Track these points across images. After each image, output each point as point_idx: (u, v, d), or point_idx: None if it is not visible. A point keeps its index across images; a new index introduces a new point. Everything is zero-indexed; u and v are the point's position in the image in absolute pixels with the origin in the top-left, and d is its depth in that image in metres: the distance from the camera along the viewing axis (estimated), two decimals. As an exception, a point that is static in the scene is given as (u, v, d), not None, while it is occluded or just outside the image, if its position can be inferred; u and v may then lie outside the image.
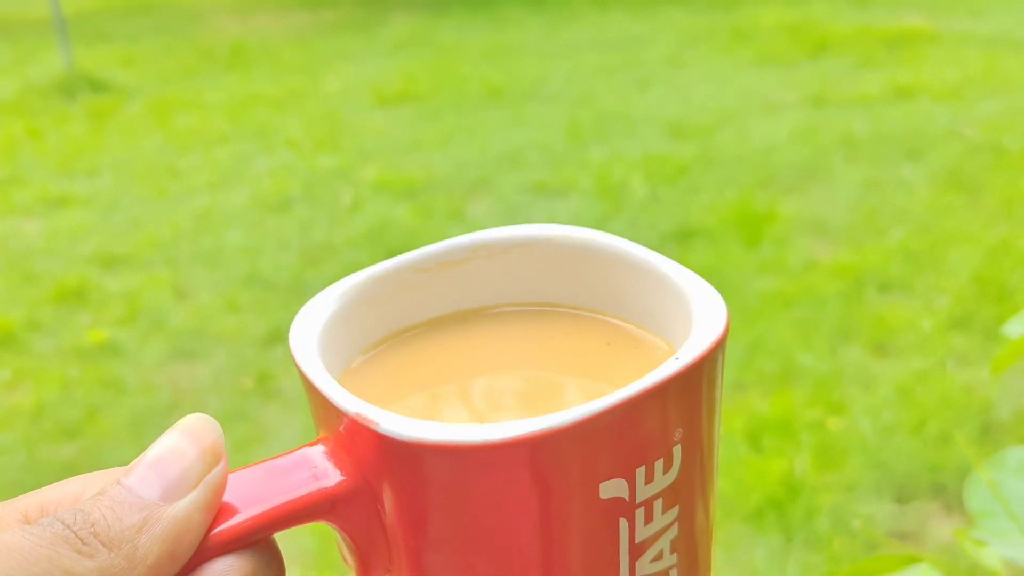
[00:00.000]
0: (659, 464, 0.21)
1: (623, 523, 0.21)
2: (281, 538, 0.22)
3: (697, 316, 0.23)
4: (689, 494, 0.22)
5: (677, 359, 0.21)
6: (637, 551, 0.22)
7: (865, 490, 1.36)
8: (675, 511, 0.22)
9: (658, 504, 0.22)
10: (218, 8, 5.17)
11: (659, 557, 0.22)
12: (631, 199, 2.29)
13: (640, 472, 0.21)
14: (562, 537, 0.21)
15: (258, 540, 0.21)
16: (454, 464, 0.20)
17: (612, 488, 0.21)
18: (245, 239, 2.26)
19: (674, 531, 0.22)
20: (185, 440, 0.22)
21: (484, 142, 2.77)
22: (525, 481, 0.20)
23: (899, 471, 1.39)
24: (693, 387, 0.22)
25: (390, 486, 0.21)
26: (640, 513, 0.21)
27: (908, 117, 2.63)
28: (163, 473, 0.21)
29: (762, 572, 1.26)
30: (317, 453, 0.22)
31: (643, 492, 0.21)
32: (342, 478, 0.21)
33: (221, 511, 0.21)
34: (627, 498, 0.21)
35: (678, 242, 2.06)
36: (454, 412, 0.25)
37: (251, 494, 0.21)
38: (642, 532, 0.22)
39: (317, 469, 0.22)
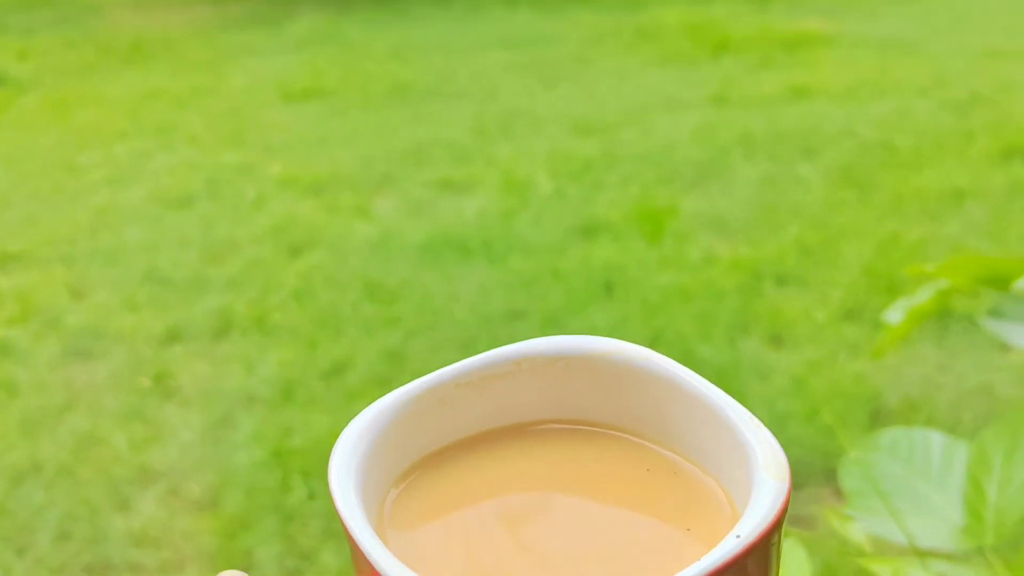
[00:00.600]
0: None
1: None
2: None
3: (756, 470, 0.22)
4: None
5: (739, 537, 0.20)
6: None
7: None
8: None
9: None
10: (118, 1, 5.04)
11: None
12: (536, 195, 2.31)
13: None
14: None
15: None
16: None
17: None
18: (144, 236, 2.22)
19: None
20: None
21: (390, 138, 2.76)
22: None
23: (792, 458, 1.43)
24: (757, 561, 0.21)
25: None
26: None
27: (804, 116, 2.71)
28: None
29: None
30: None
31: None
32: None
33: None
34: None
35: (582, 237, 2.09)
36: (498, 565, 0.24)
37: None
38: None
39: None
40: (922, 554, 0.42)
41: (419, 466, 0.25)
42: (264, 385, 1.65)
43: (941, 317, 1.65)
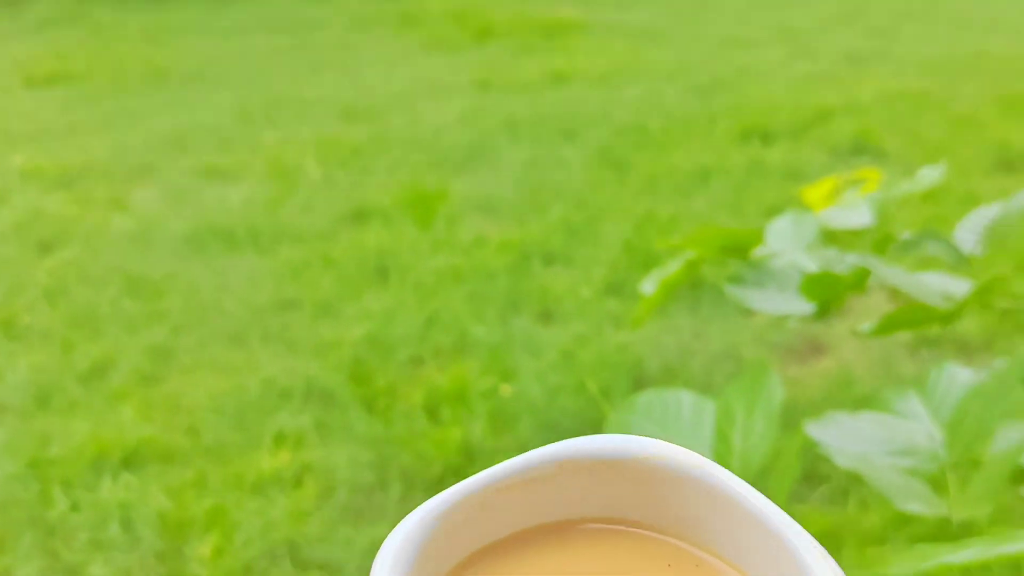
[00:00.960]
0: None
1: None
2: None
3: None
4: None
5: None
6: None
7: (530, 447, 1.45)
8: None
9: None
10: None
11: None
12: (305, 181, 2.28)
13: None
14: None
15: None
16: None
17: None
18: None
19: None
20: None
21: (147, 126, 2.63)
22: None
23: (564, 429, 1.50)
24: None
25: None
26: None
27: (564, 101, 2.81)
28: None
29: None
30: None
31: None
32: None
33: None
34: None
35: (353, 223, 2.08)
36: None
37: None
38: None
39: None
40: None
41: (459, 569, 0.25)
42: (15, 393, 1.54)
43: (693, 288, 1.77)
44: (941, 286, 0.68)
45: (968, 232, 0.81)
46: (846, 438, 0.49)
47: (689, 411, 0.53)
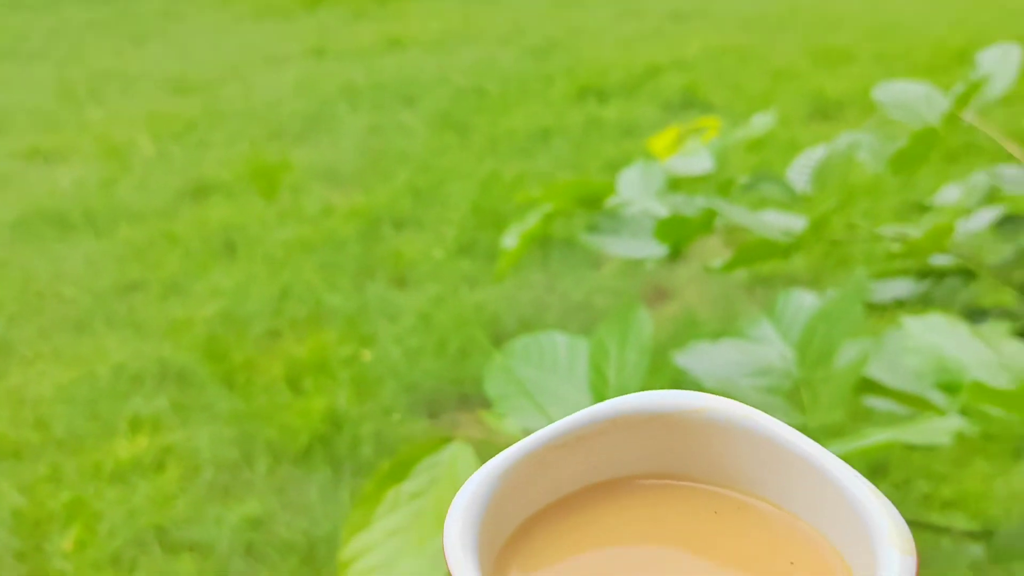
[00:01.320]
0: None
1: None
2: None
3: (880, 544, 0.22)
4: None
5: None
6: None
7: (400, 412, 1.47)
8: None
9: None
10: None
11: None
12: (138, 159, 2.19)
13: None
14: None
15: None
16: None
17: None
18: None
19: None
20: None
21: (-43, 108, 2.47)
22: None
23: (428, 390, 1.52)
24: None
25: None
26: None
27: (401, 66, 2.80)
28: None
29: (316, 506, 1.31)
30: None
31: None
32: None
33: None
34: None
35: (194, 198, 2.03)
36: None
37: None
38: None
39: None
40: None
41: (523, 528, 0.25)
42: None
43: (543, 244, 1.82)
44: (780, 223, 0.73)
45: (799, 174, 0.87)
46: (710, 364, 0.54)
47: (564, 351, 0.56)
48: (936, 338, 0.46)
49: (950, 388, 0.43)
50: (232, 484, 1.36)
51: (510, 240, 0.85)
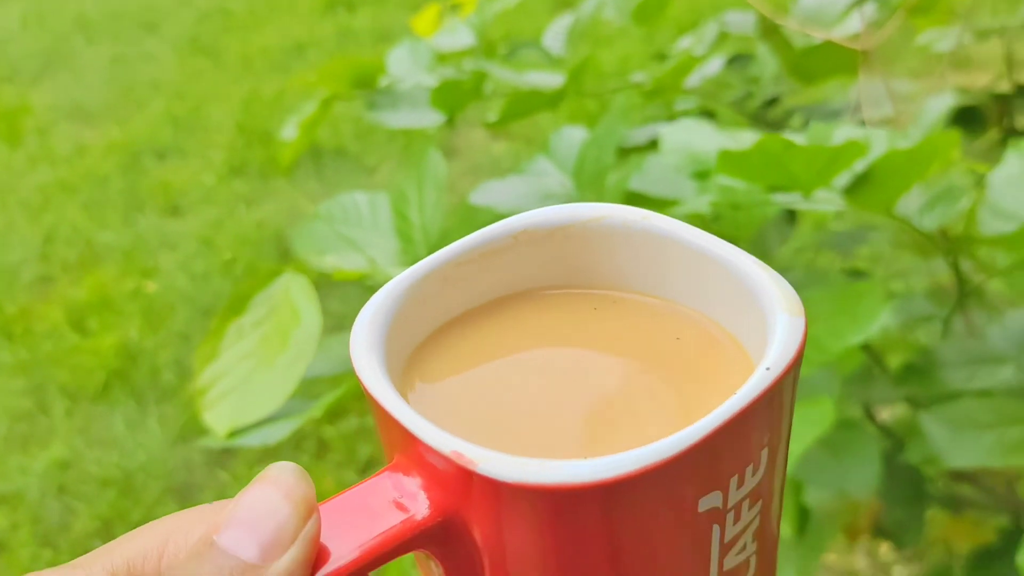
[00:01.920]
0: (749, 469, 0.21)
1: (715, 528, 0.21)
2: None
3: (773, 310, 0.22)
4: (769, 486, 0.22)
5: (768, 369, 0.21)
6: (726, 549, 0.22)
7: (199, 336, 1.45)
8: (759, 505, 0.22)
9: (745, 503, 0.22)
10: None
11: (743, 549, 0.23)
12: None
13: (733, 481, 0.21)
14: (663, 554, 0.21)
15: None
16: (558, 504, 0.20)
17: (709, 501, 0.21)
18: None
19: (756, 522, 0.23)
20: (277, 493, 0.20)
21: None
22: (630, 513, 0.20)
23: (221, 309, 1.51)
24: (783, 392, 0.21)
25: (485, 520, 0.21)
26: (731, 516, 0.22)
27: (135, -7, 2.66)
28: (259, 530, 0.19)
29: (125, 438, 1.30)
30: (401, 483, 0.21)
31: (734, 497, 0.21)
32: (433, 511, 0.21)
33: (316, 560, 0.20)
34: (721, 506, 0.21)
35: (-71, 153, 1.88)
36: (526, 424, 0.23)
37: (341, 536, 0.20)
38: (731, 531, 0.22)
39: (405, 501, 0.21)
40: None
41: (431, 338, 0.25)
42: None
43: (315, 155, 1.82)
44: (543, 80, 0.80)
45: (553, 39, 0.94)
46: (501, 198, 0.59)
47: (366, 206, 0.60)
48: (687, 135, 0.54)
49: (702, 176, 0.51)
50: (31, 432, 1.32)
51: (290, 131, 0.87)
